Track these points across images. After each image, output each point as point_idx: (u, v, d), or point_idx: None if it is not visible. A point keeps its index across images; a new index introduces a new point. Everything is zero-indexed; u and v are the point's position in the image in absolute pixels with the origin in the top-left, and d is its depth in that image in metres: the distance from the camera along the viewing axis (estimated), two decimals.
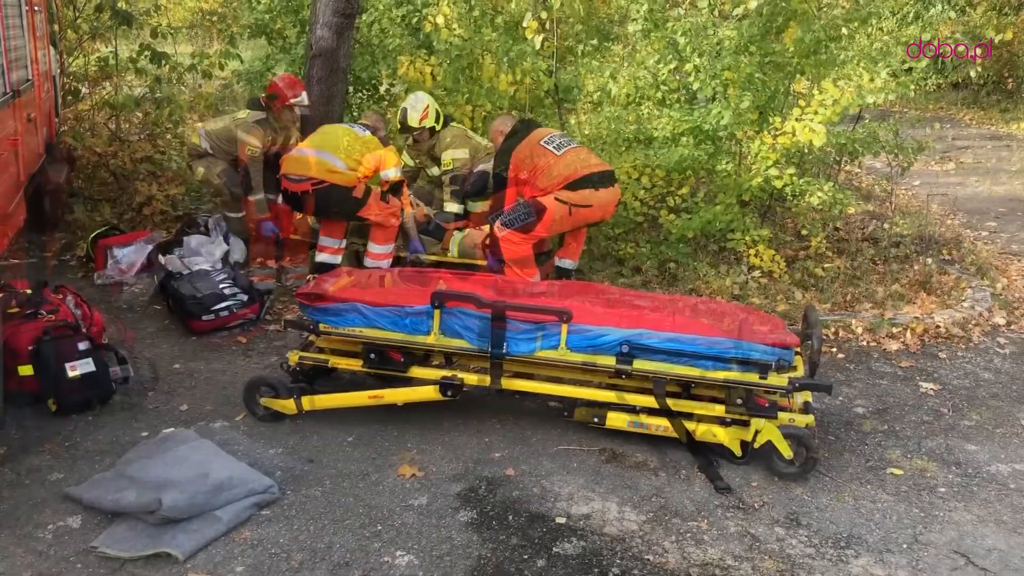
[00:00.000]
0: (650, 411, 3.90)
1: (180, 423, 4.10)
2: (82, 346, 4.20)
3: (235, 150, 6.22)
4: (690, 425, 3.84)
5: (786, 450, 3.69)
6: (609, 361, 3.84)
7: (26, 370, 4.09)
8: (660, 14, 7.22)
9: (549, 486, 3.64)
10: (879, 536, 3.38)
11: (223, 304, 5.25)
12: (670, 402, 3.83)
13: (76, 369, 4.12)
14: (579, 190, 5.25)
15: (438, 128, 6.39)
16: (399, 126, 6.39)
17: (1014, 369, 5.09)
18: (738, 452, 3.81)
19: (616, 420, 3.92)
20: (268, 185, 6.16)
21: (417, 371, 4.09)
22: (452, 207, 6.37)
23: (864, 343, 5.38)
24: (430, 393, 3.99)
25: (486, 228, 6.02)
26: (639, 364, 3.81)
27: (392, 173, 5.74)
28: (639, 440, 3.97)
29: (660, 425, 3.87)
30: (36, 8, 5.93)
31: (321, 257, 5.87)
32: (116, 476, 3.48)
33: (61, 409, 4.09)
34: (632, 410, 3.93)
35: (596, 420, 3.95)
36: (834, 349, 5.26)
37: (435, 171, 6.55)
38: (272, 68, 8.47)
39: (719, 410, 3.83)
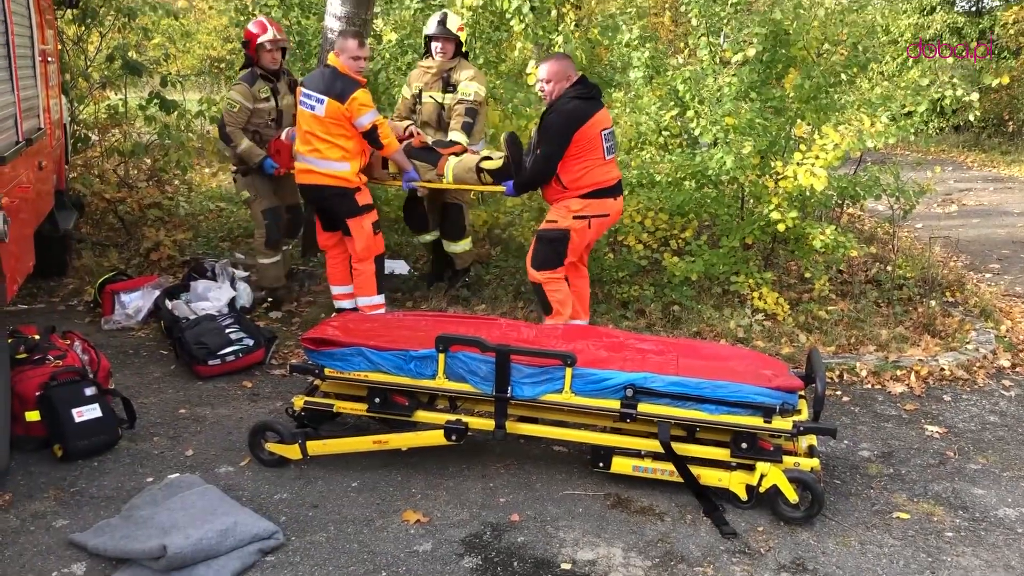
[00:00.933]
0: (655, 455, 3.90)
1: (185, 468, 4.10)
2: (89, 391, 4.23)
3: (251, 118, 6.20)
4: (695, 469, 3.83)
5: (791, 494, 3.67)
6: (614, 405, 3.85)
7: (33, 416, 4.12)
8: (661, 61, 7.32)
9: (554, 531, 3.63)
10: None
11: (229, 349, 5.28)
12: (675, 446, 3.83)
13: (83, 415, 4.14)
14: (598, 199, 5.20)
15: (464, 48, 6.29)
16: (436, 26, 6.14)
17: (1020, 412, 5.07)
18: (743, 496, 3.80)
19: (621, 465, 3.92)
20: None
21: (422, 415, 4.11)
22: (458, 136, 6.13)
23: (868, 386, 5.37)
24: (435, 438, 3.99)
25: (483, 152, 6.00)
26: (644, 407, 3.82)
27: (367, 119, 5.39)
28: (644, 485, 3.97)
29: (665, 470, 3.86)
30: (50, 59, 6.05)
31: (340, 305, 5.93)
32: (121, 522, 3.48)
33: (67, 455, 4.10)
34: (637, 455, 3.93)
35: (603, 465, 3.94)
36: (838, 392, 5.26)
37: (439, 96, 6.26)
38: None
39: (724, 454, 3.83)
